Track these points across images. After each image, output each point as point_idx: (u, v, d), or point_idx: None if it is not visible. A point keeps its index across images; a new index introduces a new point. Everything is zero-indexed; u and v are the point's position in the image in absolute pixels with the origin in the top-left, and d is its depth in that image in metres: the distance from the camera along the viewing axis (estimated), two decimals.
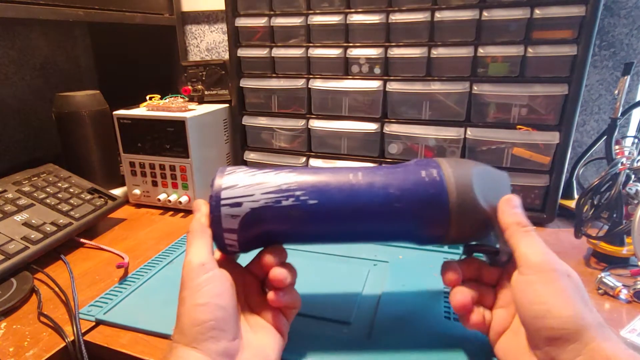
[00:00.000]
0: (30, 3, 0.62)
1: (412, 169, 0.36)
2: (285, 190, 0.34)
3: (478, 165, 0.37)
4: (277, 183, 0.35)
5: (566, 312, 0.27)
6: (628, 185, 0.50)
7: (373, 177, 0.35)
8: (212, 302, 0.30)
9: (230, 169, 0.37)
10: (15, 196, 0.58)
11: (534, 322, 0.29)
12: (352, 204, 0.34)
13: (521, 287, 0.30)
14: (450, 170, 0.35)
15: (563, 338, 0.27)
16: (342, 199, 0.34)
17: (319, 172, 0.36)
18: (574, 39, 0.56)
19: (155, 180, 0.70)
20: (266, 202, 0.34)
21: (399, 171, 0.36)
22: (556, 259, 0.30)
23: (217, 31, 0.98)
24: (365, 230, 0.36)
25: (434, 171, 0.35)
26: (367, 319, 0.41)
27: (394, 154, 0.68)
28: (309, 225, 0.35)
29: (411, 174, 0.35)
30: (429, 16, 0.61)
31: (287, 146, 0.76)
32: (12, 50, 0.79)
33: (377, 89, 0.66)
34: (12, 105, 0.79)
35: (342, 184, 0.35)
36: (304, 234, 0.36)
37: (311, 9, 0.67)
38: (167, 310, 0.43)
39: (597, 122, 0.74)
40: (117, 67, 1.00)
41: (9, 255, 0.48)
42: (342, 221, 0.35)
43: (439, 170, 0.35)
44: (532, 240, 0.31)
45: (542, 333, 0.28)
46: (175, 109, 0.68)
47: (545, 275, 0.29)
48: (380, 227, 0.36)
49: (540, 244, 0.31)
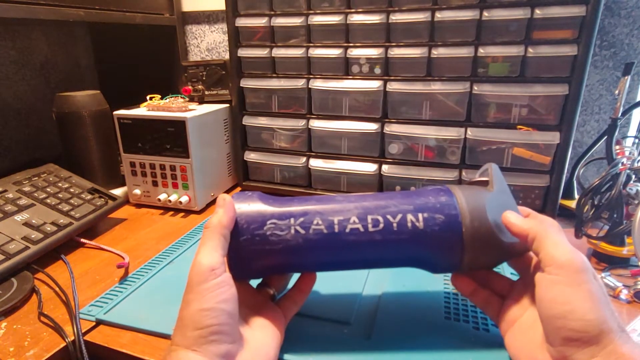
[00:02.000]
0: (30, 3, 0.62)
1: (425, 197, 0.36)
2: (308, 222, 0.35)
3: (489, 191, 0.37)
4: (302, 214, 0.35)
5: (590, 315, 0.27)
6: (628, 185, 0.50)
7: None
8: (218, 307, 0.30)
9: (249, 195, 0.38)
10: (15, 196, 0.58)
11: (555, 321, 0.28)
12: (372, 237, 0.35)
13: (546, 285, 0.30)
14: (463, 198, 0.35)
15: (582, 340, 0.27)
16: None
17: (335, 201, 0.37)
18: (575, 39, 0.56)
19: (156, 180, 0.70)
20: (292, 234, 0.35)
21: (413, 199, 0.36)
22: (583, 259, 0.30)
23: (217, 31, 0.98)
24: (381, 258, 0.37)
25: (446, 198, 0.36)
26: (367, 319, 0.41)
27: (394, 154, 0.68)
28: (325, 256, 0.36)
29: (424, 202, 0.36)
30: (429, 16, 0.61)
31: (288, 146, 0.76)
32: (12, 50, 0.79)
33: (378, 89, 0.66)
34: (12, 105, 0.79)
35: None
36: (319, 263, 0.37)
37: (311, 9, 0.67)
38: (167, 310, 0.43)
39: (598, 122, 0.74)
40: (117, 67, 1.00)
41: (9, 255, 0.48)
42: (360, 251, 0.35)
43: (452, 198, 0.36)
44: (558, 239, 0.31)
45: (562, 333, 0.28)
46: (175, 109, 0.68)
47: (573, 276, 0.29)
48: (395, 257, 0.36)
49: (565, 241, 0.31)
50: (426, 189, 0.38)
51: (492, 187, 0.37)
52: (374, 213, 0.35)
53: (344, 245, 0.35)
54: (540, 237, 0.31)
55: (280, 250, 0.35)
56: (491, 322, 0.40)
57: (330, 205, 0.36)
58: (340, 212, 0.35)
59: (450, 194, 0.36)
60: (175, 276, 0.50)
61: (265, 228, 0.35)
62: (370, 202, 0.36)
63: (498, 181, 0.38)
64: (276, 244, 0.34)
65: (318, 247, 0.35)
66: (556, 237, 0.31)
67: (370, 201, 0.36)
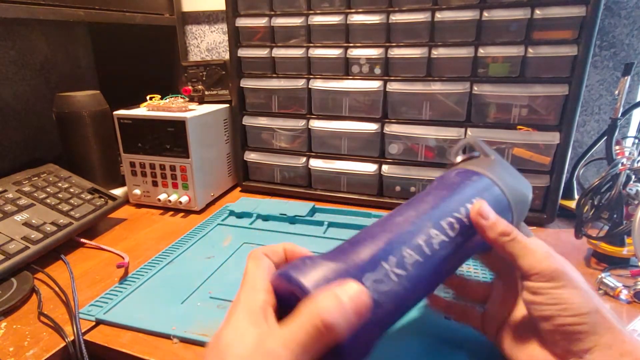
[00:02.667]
0: (30, 3, 0.62)
1: (464, 184, 0.34)
2: (401, 258, 0.29)
3: (492, 159, 0.37)
4: (387, 252, 0.28)
5: (584, 308, 0.28)
6: (628, 185, 0.50)
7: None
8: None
9: (309, 264, 0.27)
10: (15, 196, 0.58)
11: (549, 321, 0.29)
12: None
13: (533, 291, 0.29)
14: (488, 172, 0.35)
15: (580, 332, 0.28)
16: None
17: (397, 224, 0.31)
18: (575, 40, 0.56)
19: (156, 180, 0.70)
20: (395, 281, 0.28)
21: (456, 190, 0.34)
22: (560, 259, 0.30)
23: (217, 31, 0.98)
24: (466, 257, 0.35)
25: (477, 177, 0.35)
26: None
27: (394, 154, 0.68)
28: (428, 285, 0.31)
29: (469, 189, 0.34)
30: (429, 16, 0.61)
31: (288, 146, 0.76)
32: (12, 50, 0.79)
33: (378, 89, 0.66)
34: (12, 105, 0.79)
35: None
36: (423, 296, 0.33)
37: (311, 9, 0.67)
38: (167, 309, 0.43)
39: (598, 123, 0.74)
40: (117, 67, 0.99)
41: (9, 255, 0.48)
42: (453, 260, 0.32)
43: (481, 176, 0.35)
44: (526, 247, 0.30)
45: (559, 330, 0.28)
46: (175, 109, 0.68)
47: (558, 279, 0.29)
48: (473, 251, 0.35)
49: (536, 246, 0.30)
50: (452, 178, 0.36)
51: (491, 155, 0.38)
52: (443, 217, 0.31)
53: (440, 263, 0.30)
54: (517, 241, 0.30)
55: (394, 305, 0.27)
56: None
57: (400, 230, 0.30)
58: (416, 232, 0.30)
59: (477, 174, 0.36)
60: (175, 276, 0.50)
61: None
62: (428, 208, 0.32)
63: (489, 150, 0.39)
64: (386, 301, 0.27)
65: (422, 280, 0.29)
66: (524, 245, 0.30)
67: (426, 208, 0.32)
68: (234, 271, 0.50)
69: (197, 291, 0.46)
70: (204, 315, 0.42)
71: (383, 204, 0.69)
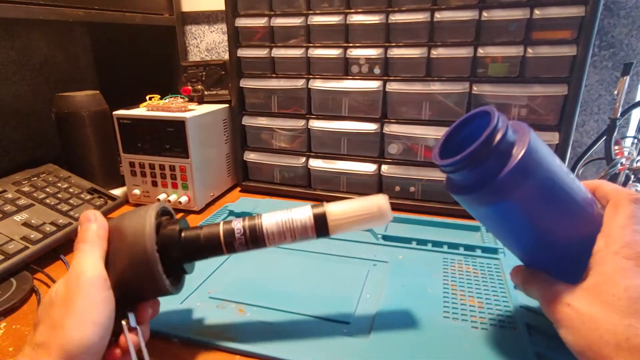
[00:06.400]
0: (30, 3, 0.62)
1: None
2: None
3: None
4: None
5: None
6: (627, 185, 0.50)
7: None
8: (104, 323, 0.29)
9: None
10: (15, 196, 0.58)
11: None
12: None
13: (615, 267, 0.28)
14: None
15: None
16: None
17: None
18: (574, 39, 0.56)
19: (155, 180, 0.70)
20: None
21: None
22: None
23: (217, 31, 0.98)
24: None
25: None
26: (367, 319, 0.41)
27: (394, 154, 0.69)
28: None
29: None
30: (428, 16, 0.61)
31: (287, 146, 0.76)
32: (12, 51, 0.79)
33: (377, 89, 0.66)
34: (12, 105, 0.79)
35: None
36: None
37: (311, 9, 0.67)
38: (165, 308, 0.43)
39: (597, 123, 0.74)
40: (117, 67, 1.00)
41: (8, 255, 0.48)
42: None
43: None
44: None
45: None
46: (175, 109, 0.68)
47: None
48: None
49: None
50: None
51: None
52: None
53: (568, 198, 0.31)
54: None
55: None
56: (490, 322, 0.40)
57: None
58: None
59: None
60: None
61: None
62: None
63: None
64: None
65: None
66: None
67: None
68: (233, 271, 0.51)
69: (197, 291, 0.46)
70: (204, 315, 0.42)
71: None
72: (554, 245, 0.32)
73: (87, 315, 0.29)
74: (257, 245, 0.36)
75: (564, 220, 0.32)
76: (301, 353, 0.37)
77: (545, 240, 0.33)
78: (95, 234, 0.33)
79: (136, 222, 0.34)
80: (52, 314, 0.29)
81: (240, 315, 0.42)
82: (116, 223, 0.35)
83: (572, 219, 0.32)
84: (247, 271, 0.50)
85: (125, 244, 0.33)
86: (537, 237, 0.33)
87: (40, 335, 0.28)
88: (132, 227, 0.34)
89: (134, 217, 0.35)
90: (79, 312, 0.28)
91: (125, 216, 0.35)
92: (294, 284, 0.47)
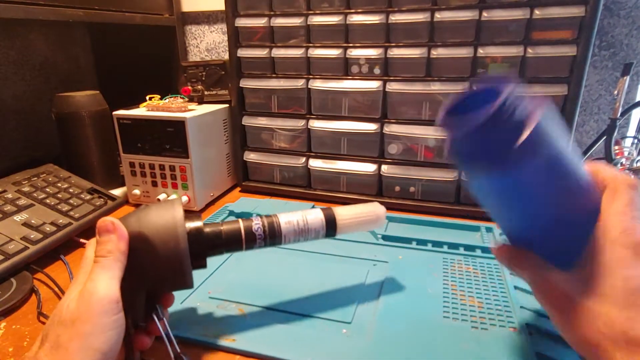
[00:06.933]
0: (30, 3, 0.62)
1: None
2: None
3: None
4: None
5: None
6: None
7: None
8: (109, 350, 0.28)
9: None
10: (14, 196, 0.58)
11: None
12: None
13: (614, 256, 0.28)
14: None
15: None
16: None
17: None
18: (574, 40, 0.56)
19: (155, 180, 0.70)
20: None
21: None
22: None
23: (217, 31, 0.98)
24: None
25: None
26: (367, 319, 0.41)
27: (394, 155, 0.69)
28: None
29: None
30: (428, 17, 0.61)
31: (287, 146, 0.76)
32: (12, 51, 0.79)
33: (377, 89, 0.66)
34: (12, 105, 0.79)
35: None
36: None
37: (311, 9, 0.67)
38: None
39: (597, 123, 0.74)
40: (116, 67, 1.00)
41: (8, 255, 0.48)
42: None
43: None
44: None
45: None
46: (175, 109, 0.68)
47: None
48: None
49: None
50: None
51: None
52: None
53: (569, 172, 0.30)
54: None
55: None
56: (490, 322, 0.40)
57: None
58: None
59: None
60: None
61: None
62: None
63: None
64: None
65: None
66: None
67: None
68: (233, 271, 0.50)
69: (197, 291, 0.46)
70: (204, 315, 0.42)
71: (382, 204, 0.69)
72: (554, 224, 0.31)
73: (92, 341, 0.28)
74: (274, 242, 0.39)
75: (571, 196, 0.30)
76: (301, 353, 0.37)
77: (546, 214, 0.31)
78: (115, 247, 0.31)
79: (165, 221, 0.34)
80: (59, 333, 0.28)
81: (241, 315, 0.42)
82: (138, 222, 0.34)
83: (578, 197, 0.31)
84: (247, 271, 0.50)
85: (153, 243, 0.33)
86: (537, 212, 0.31)
87: (45, 356, 0.28)
88: (162, 225, 0.34)
89: (162, 213, 0.35)
90: (85, 337, 0.28)
91: (148, 213, 0.35)
92: (294, 284, 0.47)
